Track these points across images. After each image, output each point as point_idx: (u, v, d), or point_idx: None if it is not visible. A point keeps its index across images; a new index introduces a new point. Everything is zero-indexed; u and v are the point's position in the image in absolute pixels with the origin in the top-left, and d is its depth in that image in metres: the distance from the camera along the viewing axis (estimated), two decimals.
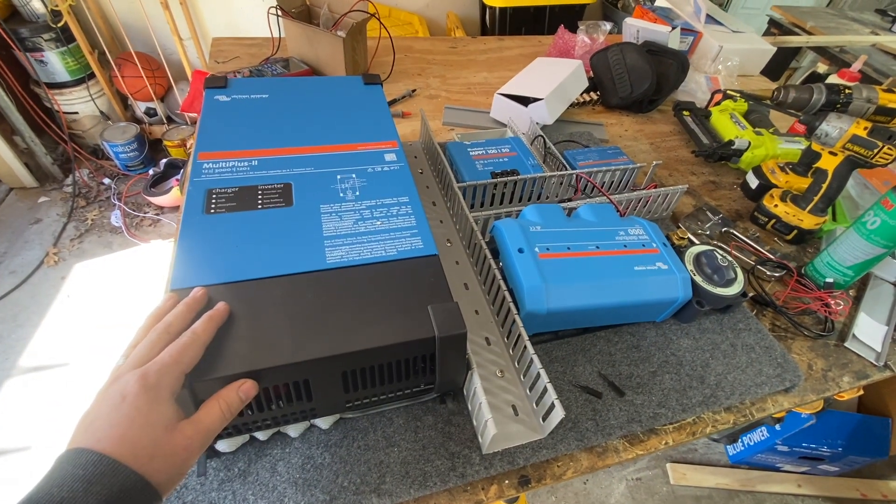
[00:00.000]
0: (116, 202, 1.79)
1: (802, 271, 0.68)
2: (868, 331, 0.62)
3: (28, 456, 1.14)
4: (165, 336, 0.31)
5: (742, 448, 1.28)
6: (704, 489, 1.26)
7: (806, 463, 1.24)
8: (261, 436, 0.40)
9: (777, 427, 1.14)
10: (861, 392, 1.05)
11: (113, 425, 0.27)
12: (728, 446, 1.33)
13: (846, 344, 0.61)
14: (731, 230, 0.73)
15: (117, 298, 1.51)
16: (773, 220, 0.73)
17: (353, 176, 0.50)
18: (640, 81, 0.96)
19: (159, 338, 0.31)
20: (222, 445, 0.39)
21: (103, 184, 1.87)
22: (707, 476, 1.27)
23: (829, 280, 0.64)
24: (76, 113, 1.81)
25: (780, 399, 0.53)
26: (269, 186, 0.47)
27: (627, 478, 1.27)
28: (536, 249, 0.49)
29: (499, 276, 0.48)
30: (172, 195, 1.73)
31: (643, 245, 0.53)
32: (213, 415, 0.30)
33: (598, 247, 0.51)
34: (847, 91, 0.71)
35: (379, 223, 0.45)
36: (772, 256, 0.69)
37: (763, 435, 1.20)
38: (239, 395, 0.31)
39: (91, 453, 0.25)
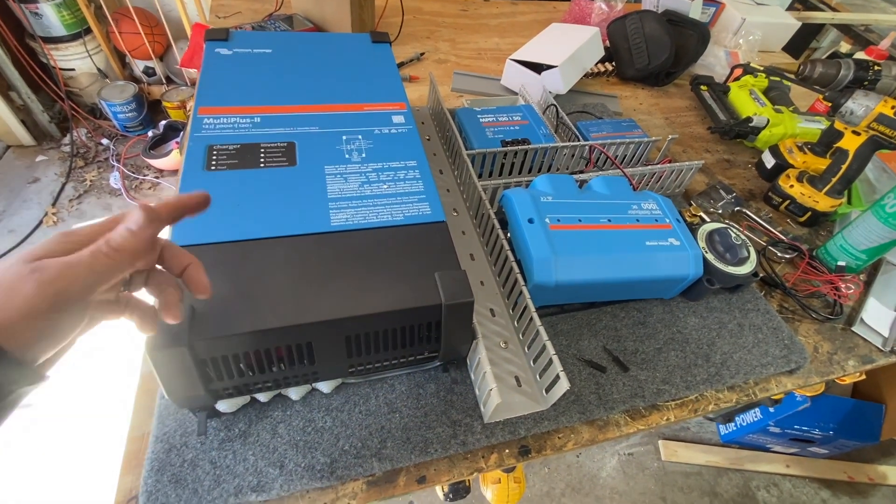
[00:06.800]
0: (115, 164, 1.76)
1: (814, 254, 0.67)
2: (876, 315, 0.61)
3: (27, 413, 1.15)
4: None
5: (734, 428, 1.29)
6: (694, 466, 1.29)
7: (796, 445, 1.26)
8: (262, 397, 0.40)
9: (771, 409, 1.15)
10: (863, 377, 1.05)
11: None
12: (720, 425, 1.35)
13: (853, 328, 0.60)
14: (744, 210, 0.71)
15: None
16: (788, 202, 0.71)
17: (360, 137, 0.48)
18: (659, 53, 0.92)
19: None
20: (223, 406, 0.38)
21: (101, 144, 1.83)
22: (698, 454, 1.30)
23: (842, 263, 0.63)
24: (73, 69, 1.76)
25: (783, 380, 0.53)
26: (272, 145, 0.45)
27: (619, 452, 1.29)
28: (547, 220, 0.48)
29: (507, 247, 0.46)
30: (172, 158, 1.69)
31: (656, 220, 0.52)
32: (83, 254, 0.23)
33: (609, 220, 0.50)
34: (876, 68, 0.68)
35: (385, 187, 0.44)
36: (784, 238, 0.68)
37: (756, 416, 1.22)
38: (127, 228, 0.24)
39: None
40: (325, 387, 0.42)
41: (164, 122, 1.76)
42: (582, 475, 1.24)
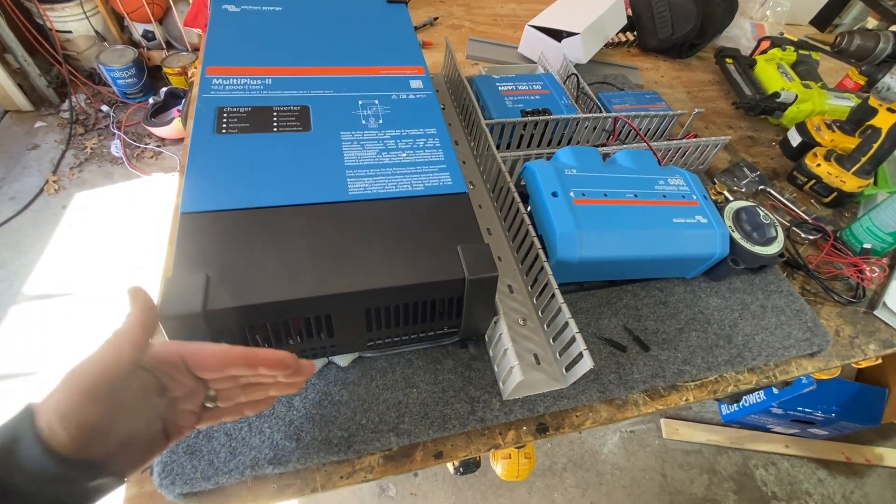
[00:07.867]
0: (116, 131, 1.72)
1: (838, 235, 0.65)
2: None
3: (34, 381, 1.16)
4: None
5: (737, 408, 1.30)
6: (695, 444, 1.30)
7: (796, 426, 1.27)
8: None
9: (775, 390, 1.16)
10: (879, 361, 1.04)
11: None
12: (722, 405, 1.36)
13: (875, 312, 0.59)
14: (768, 189, 0.69)
15: (120, 231, 1.48)
16: (813, 181, 0.69)
17: (376, 102, 0.46)
18: (684, 22, 0.88)
19: None
20: None
21: (101, 111, 1.79)
22: (699, 432, 1.31)
23: (867, 246, 0.61)
24: (70, 32, 1.70)
25: (804, 363, 0.52)
26: (285, 108, 0.43)
27: (621, 430, 1.30)
28: (572, 194, 0.46)
29: (528, 221, 0.45)
30: (174, 126, 1.66)
31: (683, 196, 0.50)
32: None
33: (636, 195, 0.48)
34: None
35: (404, 155, 0.42)
36: (808, 218, 0.66)
37: (760, 397, 1.22)
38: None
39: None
40: (341, 360, 0.41)
41: (164, 89, 1.71)
42: (584, 451, 1.25)
